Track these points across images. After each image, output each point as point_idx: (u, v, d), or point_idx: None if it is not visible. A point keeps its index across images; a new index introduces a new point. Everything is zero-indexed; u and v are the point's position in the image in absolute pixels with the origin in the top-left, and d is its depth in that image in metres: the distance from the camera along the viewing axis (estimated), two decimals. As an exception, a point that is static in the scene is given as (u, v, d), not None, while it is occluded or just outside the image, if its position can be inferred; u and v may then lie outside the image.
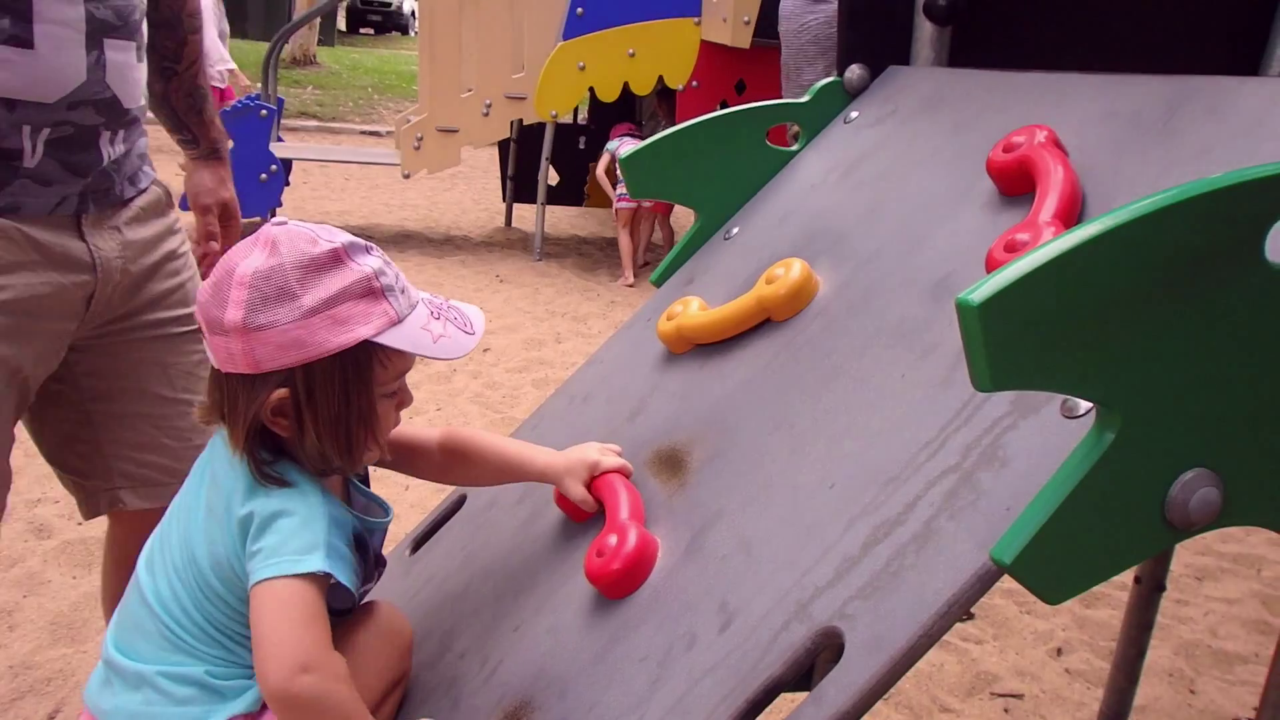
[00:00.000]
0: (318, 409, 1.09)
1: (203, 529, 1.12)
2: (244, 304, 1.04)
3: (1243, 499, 0.75)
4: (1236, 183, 0.67)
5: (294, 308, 1.05)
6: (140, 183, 1.56)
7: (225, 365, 1.08)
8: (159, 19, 1.68)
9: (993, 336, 0.64)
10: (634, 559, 1.08)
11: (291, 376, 1.07)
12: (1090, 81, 1.22)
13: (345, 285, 1.07)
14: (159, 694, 1.11)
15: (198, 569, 1.11)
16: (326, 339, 1.06)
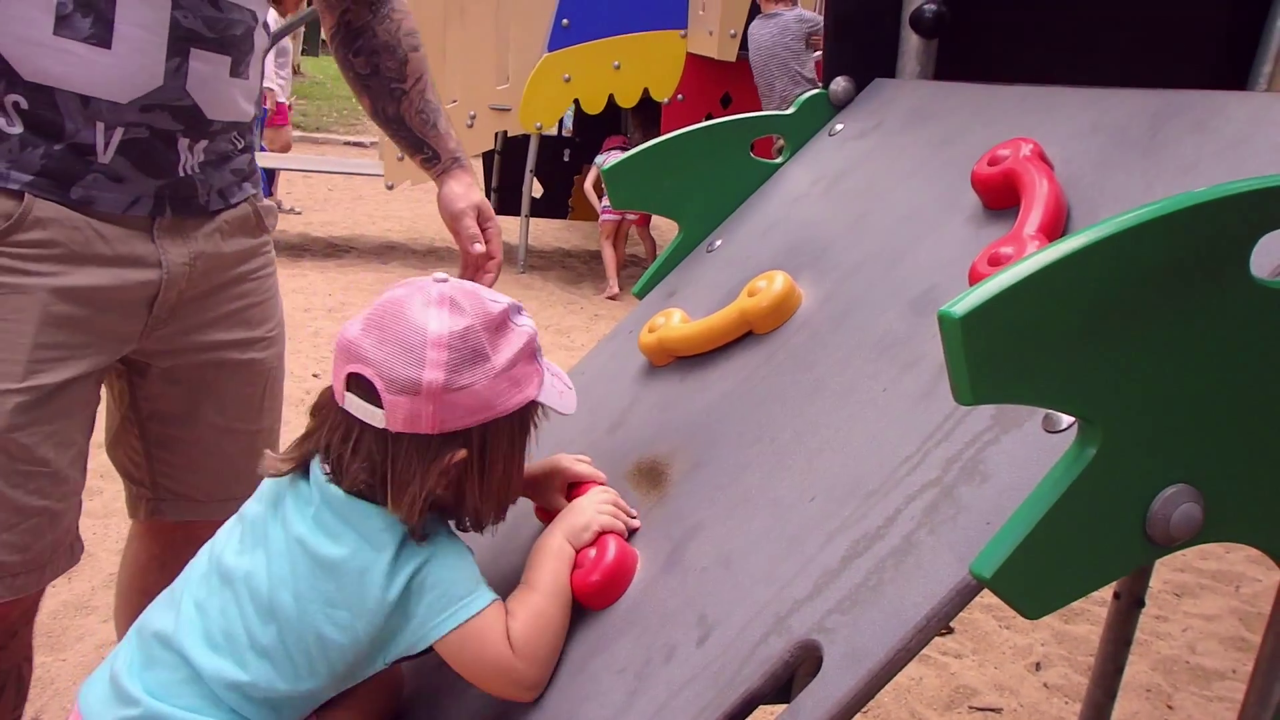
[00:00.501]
0: (486, 470, 1.09)
1: (288, 582, 1.07)
2: (444, 365, 1.02)
3: (1224, 515, 0.74)
4: (1222, 197, 0.67)
5: (487, 369, 1.05)
6: (232, 197, 1.53)
7: (404, 426, 1.03)
8: (379, 44, 1.71)
9: (974, 350, 0.63)
10: (613, 571, 1.07)
11: (469, 438, 1.06)
12: (1076, 95, 1.22)
13: (521, 346, 1.08)
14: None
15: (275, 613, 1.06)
16: (507, 400, 1.07)
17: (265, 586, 1.07)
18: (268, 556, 1.09)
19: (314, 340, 5.13)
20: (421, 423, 1.03)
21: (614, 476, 1.23)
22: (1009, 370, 0.65)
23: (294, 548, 1.07)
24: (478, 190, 1.86)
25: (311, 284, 6.17)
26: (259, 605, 1.06)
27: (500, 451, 1.09)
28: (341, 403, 1.08)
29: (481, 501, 1.11)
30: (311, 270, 6.61)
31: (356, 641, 1.05)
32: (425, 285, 1.08)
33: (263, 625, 1.06)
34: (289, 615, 1.05)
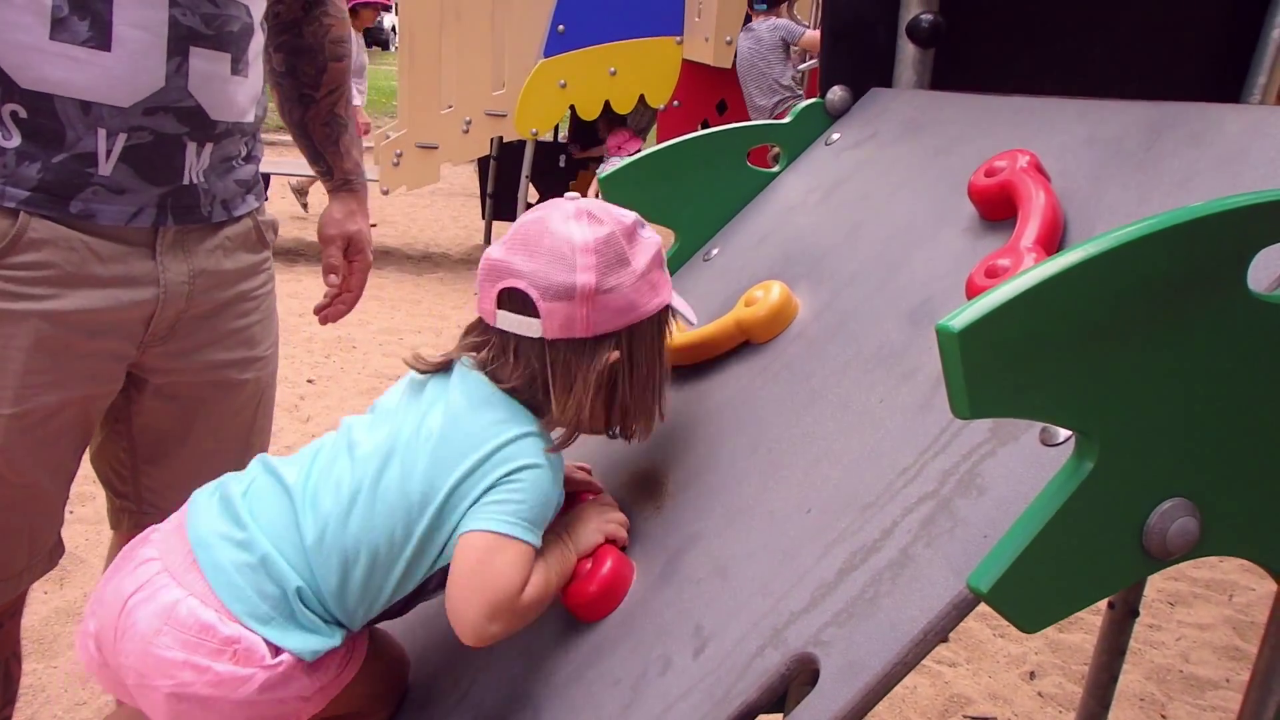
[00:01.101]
0: (635, 371, 1.14)
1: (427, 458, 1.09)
2: (595, 269, 1.09)
3: (1220, 529, 0.74)
4: (1218, 212, 0.67)
5: (630, 272, 1.12)
6: (235, 210, 1.49)
7: (560, 332, 1.10)
8: (301, 45, 1.67)
9: (972, 364, 0.63)
10: (609, 581, 1.07)
11: (619, 340, 1.12)
12: (1072, 106, 1.22)
13: (653, 254, 1.15)
14: (250, 574, 1.08)
15: (403, 495, 1.08)
16: (648, 302, 1.14)
17: (387, 449, 1.10)
18: (398, 427, 1.12)
19: (308, 345, 5.12)
20: (576, 326, 1.09)
21: (612, 486, 1.23)
22: (1006, 384, 0.65)
23: (432, 412, 1.12)
24: (358, 219, 1.83)
25: (306, 289, 6.16)
26: (374, 467, 1.10)
27: (644, 354, 1.15)
28: (494, 322, 1.12)
29: (633, 403, 1.15)
30: (306, 275, 6.60)
31: (434, 492, 1.07)
32: (560, 204, 1.14)
33: (371, 487, 1.09)
34: (400, 479, 1.08)
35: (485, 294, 1.14)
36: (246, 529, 1.10)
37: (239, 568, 1.08)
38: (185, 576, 1.09)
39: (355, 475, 1.10)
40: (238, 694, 1.05)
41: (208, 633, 1.05)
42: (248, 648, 1.06)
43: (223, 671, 1.05)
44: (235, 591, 1.07)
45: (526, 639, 1.13)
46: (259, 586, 1.07)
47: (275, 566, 1.08)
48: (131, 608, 1.08)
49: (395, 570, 1.09)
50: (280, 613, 1.08)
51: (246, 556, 1.08)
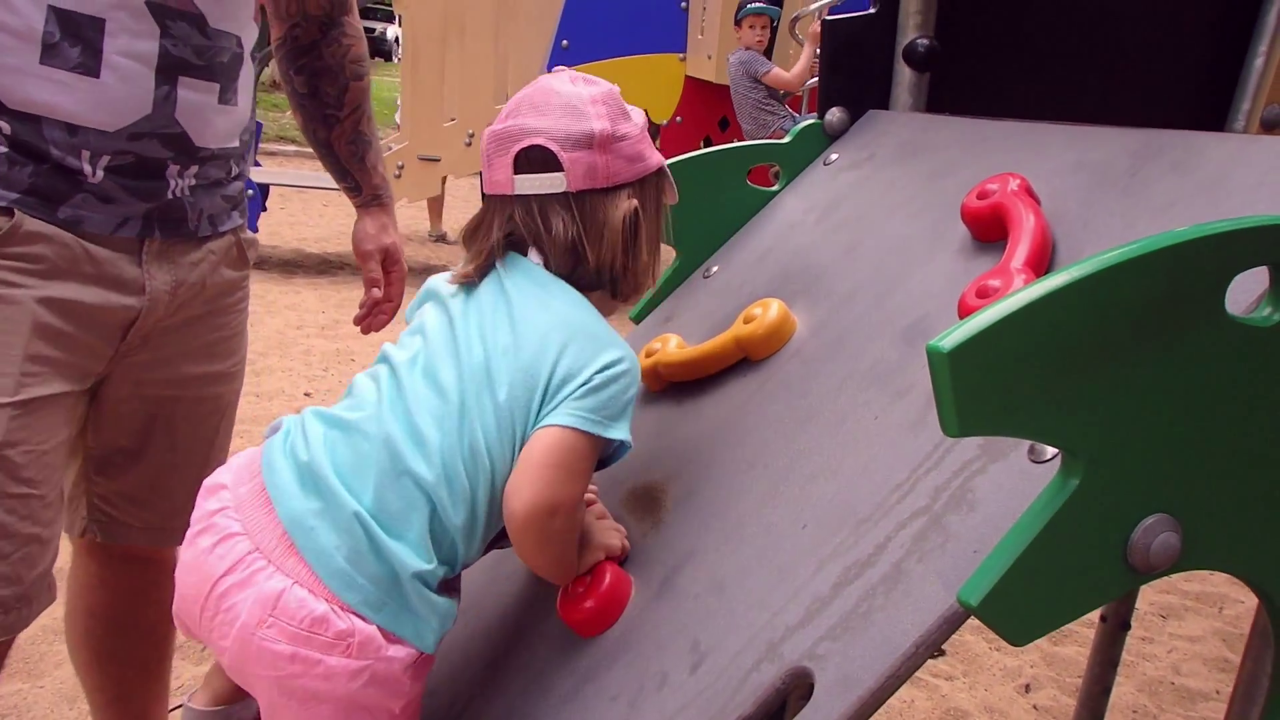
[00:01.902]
0: (648, 223, 1.19)
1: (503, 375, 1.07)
2: (607, 116, 1.14)
3: (1201, 544, 0.76)
4: (1199, 236, 0.69)
5: (633, 125, 1.18)
6: (221, 225, 1.51)
7: (584, 182, 1.13)
8: (321, 66, 1.70)
9: (961, 383, 0.66)
10: (607, 597, 1.08)
11: (633, 189, 1.17)
12: (1062, 132, 1.25)
13: (641, 120, 1.20)
14: (359, 558, 1.01)
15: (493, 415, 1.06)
16: (651, 155, 1.19)
17: (474, 369, 1.08)
18: (471, 341, 1.10)
19: (305, 359, 5.14)
20: (598, 175, 1.14)
21: (609, 502, 1.25)
22: (995, 403, 0.67)
23: (498, 320, 1.11)
24: (391, 232, 1.88)
25: (304, 300, 6.19)
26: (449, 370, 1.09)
27: (652, 208, 1.20)
28: (512, 190, 1.15)
29: (648, 256, 1.20)
30: (304, 287, 6.62)
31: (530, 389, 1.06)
32: (552, 74, 1.20)
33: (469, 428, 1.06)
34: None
35: (497, 165, 1.15)
36: (350, 509, 1.02)
37: (346, 553, 1.01)
38: (285, 561, 1.02)
39: (448, 403, 1.06)
40: (348, 687, 1.01)
41: (320, 626, 0.99)
42: (363, 640, 1.01)
43: (334, 665, 1.00)
44: (345, 580, 1.00)
45: (525, 657, 1.15)
46: (370, 572, 1.01)
47: (383, 547, 1.01)
48: (225, 591, 1.02)
49: None
50: (394, 598, 1.02)
51: (352, 539, 1.01)
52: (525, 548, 1.07)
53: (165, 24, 1.35)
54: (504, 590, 1.29)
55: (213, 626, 1.03)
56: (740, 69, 5.95)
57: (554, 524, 1.05)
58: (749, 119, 6.04)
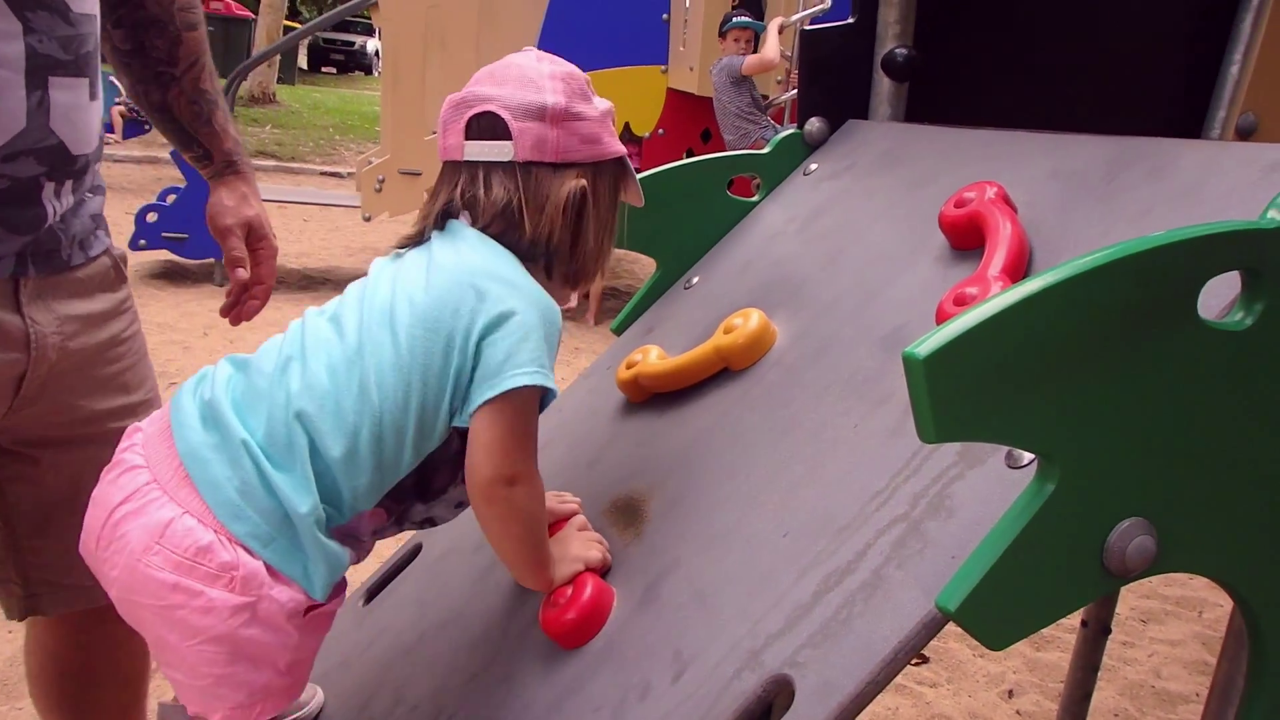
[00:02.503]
0: (600, 208, 1.17)
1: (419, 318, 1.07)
2: (563, 93, 1.13)
3: (1176, 547, 0.77)
4: (1172, 242, 0.70)
5: (592, 107, 1.16)
6: (91, 249, 1.34)
7: (532, 153, 1.12)
8: (145, 17, 1.46)
9: (937, 390, 0.66)
10: (589, 608, 1.08)
11: (584, 171, 1.15)
12: (1038, 140, 1.26)
13: (606, 108, 1.19)
14: (250, 490, 1.02)
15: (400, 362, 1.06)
16: (610, 141, 1.17)
17: (379, 314, 1.09)
18: (386, 290, 1.11)
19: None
20: (547, 148, 1.12)
21: (592, 513, 1.25)
22: (970, 409, 0.68)
23: (415, 269, 1.12)
24: (253, 203, 1.63)
25: (285, 317, 6.06)
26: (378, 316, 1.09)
27: (605, 195, 1.18)
28: (461, 155, 1.15)
29: (595, 243, 1.18)
30: (285, 303, 6.59)
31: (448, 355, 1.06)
32: (524, 51, 1.20)
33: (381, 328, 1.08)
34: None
35: (450, 131, 1.16)
36: (238, 437, 1.04)
37: (238, 484, 1.02)
38: (178, 492, 1.03)
39: (345, 342, 1.08)
40: (229, 624, 1.00)
41: (205, 556, 1.00)
42: (247, 574, 1.01)
43: (216, 598, 1.00)
44: (234, 510, 1.01)
45: (507, 667, 1.15)
46: (260, 505, 1.02)
47: (272, 480, 1.02)
48: (119, 520, 1.03)
49: (407, 435, 1.06)
50: (283, 533, 1.02)
51: (243, 471, 1.02)
52: (493, 527, 1.08)
53: (26, 16, 1.15)
54: (487, 603, 1.28)
55: (105, 556, 1.05)
56: (723, 75, 5.98)
57: (516, 494, 1.06)
58: (731, 129, 6.06)
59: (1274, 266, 0.74)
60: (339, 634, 1.35)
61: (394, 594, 1.51)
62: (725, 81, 6.00)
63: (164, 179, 7.89)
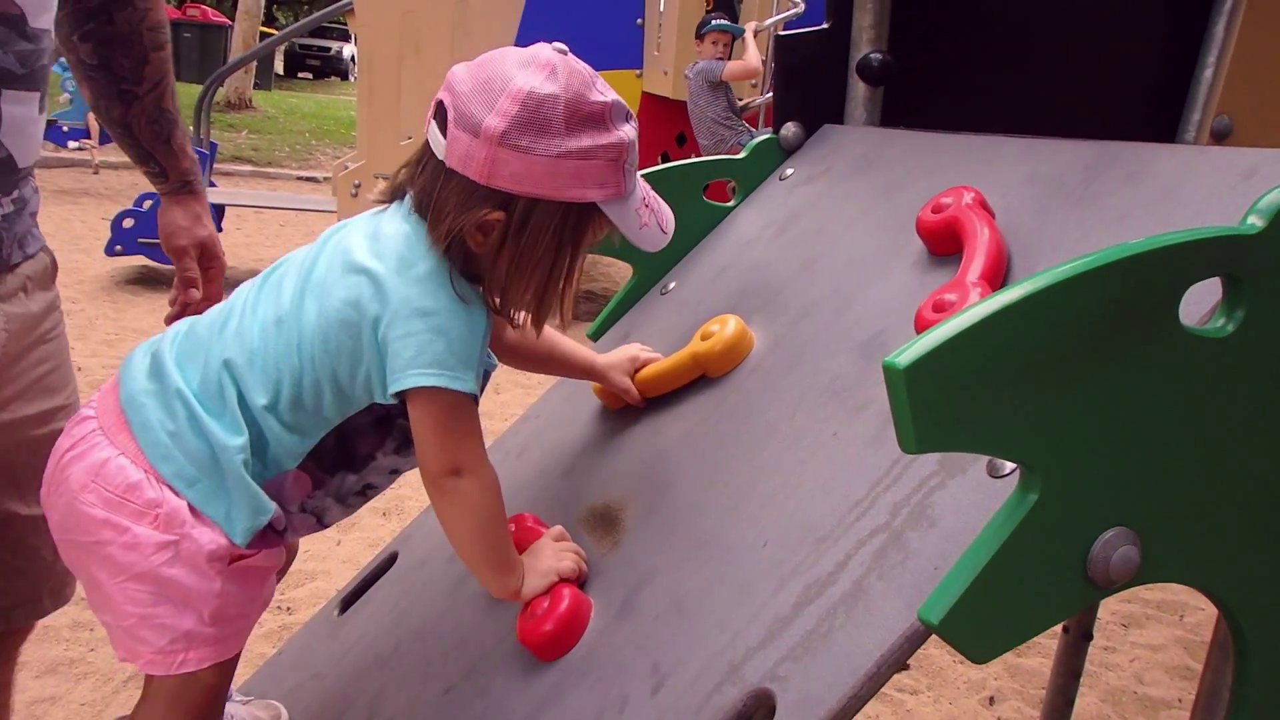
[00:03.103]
0: (523, 246, 1.09)
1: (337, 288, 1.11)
2: (510, 117, 1.04)
3: (1160, 556, 0.76)
4: (1152, 249, 0.69)
5: (552, 144, 1.05)
6: (29, 247, 1.32)
7: (457, 164, 1.07)
8: (114, 34, 1.44)
9: (918, 400, 0.65)
10: (566, 620, 1.07)
11: (513, 204, 1.07)
12: (1014, 144, 1.26)
13: (602, 144, 1.08)
14: (178, 433, 1.11)
15: (315, 324, 1.11)
16: (564, 186, 1.07)
17: (307, 275, 1.14)
18: (323, 252, 1.16)
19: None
20: (471, 166, 1.06)
21: (568, 522, 1.24)
22: (952, 419, 0.67)
23: (351, 235, 1.15)
24: (206, 223, 1.64)
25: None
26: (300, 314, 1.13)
27: (543, 238, 1.09)
28: (426, 128, 1.12)
29: (510, 280, 1.11)
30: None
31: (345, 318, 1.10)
32: (544, 48, 1.11)
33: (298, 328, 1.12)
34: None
35: (432, 106, 1.14)
36: (174, 385, 1.12)
37: (170, 428, 1.11)
38: (117, 436, 1.12)
39: (281, 304, 1.14)
40: (151, 561, 1.08)
41: (132, 493, 1.09)
42: (170, 512, 1.09)
43: (140, 534, 1.08)
44: (162, 451, 1.10)
45: (483, 680, 1.13)
46: (188, 447, 1.10)
47: (203, 423, 1.10)
48: (65, 463, 1.12)
49: (324, 397, 1.12)
50: (208, 475, 1.09)
51: (176, 417, 1.11)
52: (446, 520, 1.12)
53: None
54: (463, 613, 1.27)
55: (52, 500, 1.14)
56: (699, 78, 5.98)
57: (463, 486, 1.09)
58: (706, 134, 6.06)
59: (1255, 272, 0.73)
60: (313, 645, 1.34)
61: (369, 604, 1.49)
62: (702, 86, 6.00)
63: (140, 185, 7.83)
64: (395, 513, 3.39)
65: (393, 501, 3.43)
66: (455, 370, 1.07)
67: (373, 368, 1.10)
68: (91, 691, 2.38)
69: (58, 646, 2.51)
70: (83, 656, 2.50)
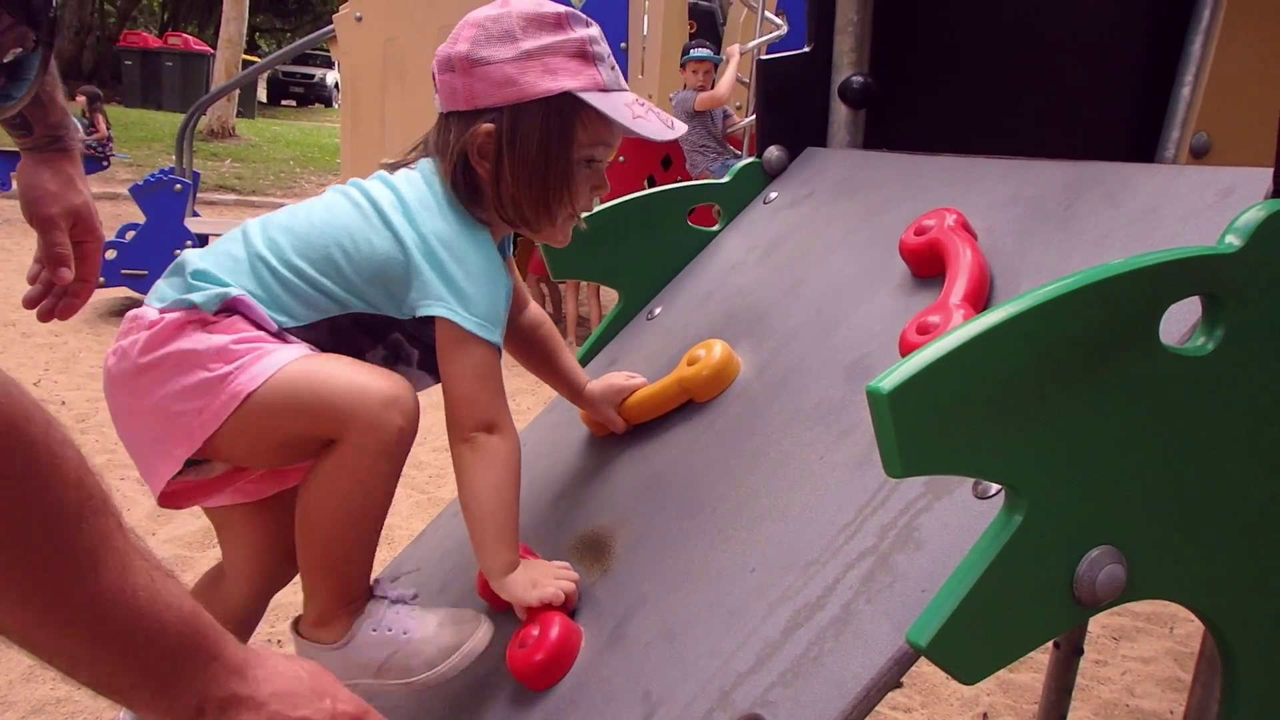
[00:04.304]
0: (518, 151, 1.18)
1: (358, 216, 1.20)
2: (470, 40, 1.17)
3: (1145, 574, 0.77)
4: (1132, 270, 0.70)
5: (512, 48, 1.16)
6: None
7: (447, 103, 1.20)
8: None
9: (903, 424, 0.65)
10: (556, 649, 1.07)
11: (500, 115, 1.17)
12: (995, 166, 1.27)
13: (560, 40, 1.17)
14: (169, 276, 1.20)
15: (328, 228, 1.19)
16: (535, 81, 1.16)
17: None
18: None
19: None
20: (458, 97, 1.19)
21: (557, 549, 1.23)
22: (937, 443, 0.67)
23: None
24: (80, 188, 1.40)
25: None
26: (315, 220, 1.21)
27: (533, 136, 1.17)
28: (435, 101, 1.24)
29: (515, 186, 1.19)
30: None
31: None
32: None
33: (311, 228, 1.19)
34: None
35: None
36: (182, 260, 1.21)
37: (166, 280, 1.20)
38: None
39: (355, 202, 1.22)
40: (132, 356, 1.13)
41: (130, 320, 1.18)
42: (139, 315, 1.17)
43: (124, 344, 1.15)
44: (155, 294, 1.19)
45: (474, 712, 1.13)
46: (171, 281, 1.19)
47: (184, 263, 1.19)
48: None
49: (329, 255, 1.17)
50: (180, 291, 1.16)
51: (172, 274, 1.20)
52: (474, 475, 1.15)
53: None
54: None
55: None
56: (678, 108, 6.01)
57: (493, 440, 1.15)
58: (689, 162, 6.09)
59: (1234, 291, 0.74)
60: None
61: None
62: (681, 115, 6.04)
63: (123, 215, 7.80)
64: (385, 543, 3.37)
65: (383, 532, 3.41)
66: (491, 323, 1.16)
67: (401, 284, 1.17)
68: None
69: (44, 686, 2.48)
70: (69, 695, 2.47)
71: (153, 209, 6.22)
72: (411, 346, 1.25)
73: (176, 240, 6.25)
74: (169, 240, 6.20)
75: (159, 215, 6.26)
